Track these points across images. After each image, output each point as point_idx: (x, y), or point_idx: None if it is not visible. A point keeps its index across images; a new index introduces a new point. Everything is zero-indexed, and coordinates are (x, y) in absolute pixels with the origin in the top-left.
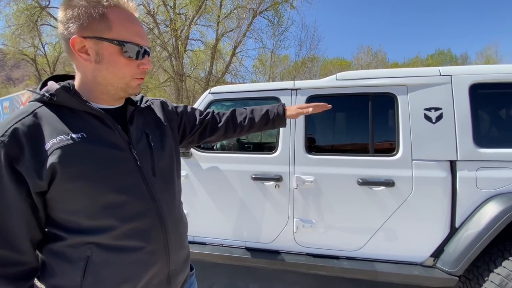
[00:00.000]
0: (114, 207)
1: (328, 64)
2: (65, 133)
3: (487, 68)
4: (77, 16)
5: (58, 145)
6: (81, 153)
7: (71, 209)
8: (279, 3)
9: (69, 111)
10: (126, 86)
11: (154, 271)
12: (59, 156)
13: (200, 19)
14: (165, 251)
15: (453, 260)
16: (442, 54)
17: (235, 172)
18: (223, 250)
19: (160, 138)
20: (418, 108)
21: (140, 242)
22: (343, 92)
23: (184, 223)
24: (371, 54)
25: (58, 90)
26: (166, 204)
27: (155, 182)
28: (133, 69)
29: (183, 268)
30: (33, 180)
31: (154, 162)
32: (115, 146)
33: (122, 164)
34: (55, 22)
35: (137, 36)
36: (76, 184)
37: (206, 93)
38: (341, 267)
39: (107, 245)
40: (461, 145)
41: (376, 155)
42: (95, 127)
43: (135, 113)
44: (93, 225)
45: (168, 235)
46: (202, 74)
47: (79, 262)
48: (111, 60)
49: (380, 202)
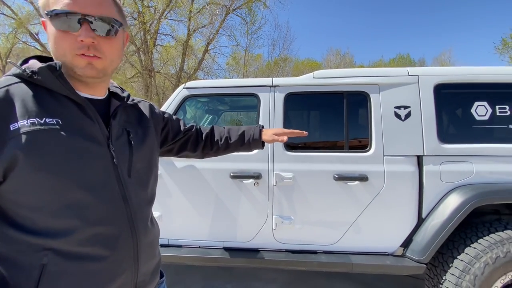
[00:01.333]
0: (80, 207)
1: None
2: (38, 117)
3: (450, 69)
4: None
5: (28, 129)
6: (53, 141)
7: (30, 204)
8: (252, 1)
9: (48, 93)
10: (71, 65)
11: (119, 283)
12: (25, 141)
13: (171, 13)
14: (134, 260)
15: (420, 249)
16: (402, 58)
17: (212, 170)
18: (200, 252)
19: (141, 138)
20: (389, 106)
21: (105, 250)
22: (320, 90)
23: (157, 230)
24: (339, 56)
25: (42, 69)
26: (139, 208)
27: (130, 184)
28: (71, 42)
29: (152, 279)
30: None
31: (132, 162)
32: (92, 139)
33: (97, 159)
34: (8, 11)
35: (68, 1)
36: (41, 175)
37: (181, 88)
38: (319, 262)
39: (66, 252)
40: (427, 141)
41: (351, 151)
42: (74, 115)
43: (120, 109)
44: (53, 225)
45: (139, 243)
46: (173, 71)
47: (33, 271)
48: (50, 35)
49: (355, 197)
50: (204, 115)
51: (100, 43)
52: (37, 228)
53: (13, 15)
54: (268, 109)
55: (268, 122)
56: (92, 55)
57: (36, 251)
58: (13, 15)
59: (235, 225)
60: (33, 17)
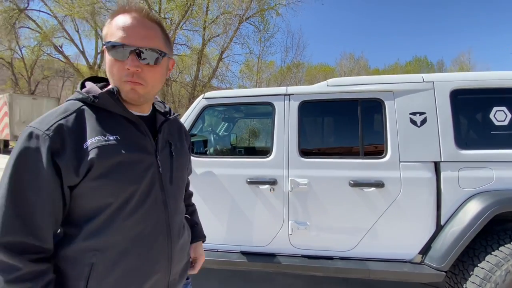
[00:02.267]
0: (130, 209)
1: (312, 70)
2: (102, 134)
3: (466, 75)
4: (104, 31)
5: (96, 145)
6: (114, 153)
7: (91, 205)
8: (265, 10)
9: (108, 113)
10: (119, 89)
11: (155, 280)
12: (95, 155)
13: (186, 24)
14: (168, 261)
15: (439, 256)
16: (419, 61)
17: (230, 176)
18: (219, 255)
19: (179, 150)
20: (404, 113)
21: (144, 250)
22: (334, 98)
23: (187, 234)
24: (353, 60)
25: (103, 94)
26: (175, 213)
27: (171, 191)
28: (121, 70)
29: (181, 279)
30: (68, 174)
31: (173, 170)
32: (144, 151)
33: (148, 168)
34: (33, 24)
35: (122, 35)
36: (104, 181)
37: (200, 98)
38: (335, 267)
39: (112, 251)
40: (444, 147)
41: (366, 158)
42: (129, 131)
43: (164, 124)
44: (106, 224)
45: (172, 244)
46: (188, 79)
47: (84, 268)
48: (106, 61)
49: (371, 203)
50: (220, 122)
51: (144, 71)
52: (92, 228)
53: (38, 28)
54: (283, 117)
55: (283, 129)
56: (135, 82)
57: (88, 251)
58: (38, 29)
59: (252, 230)
60: (56, 30)
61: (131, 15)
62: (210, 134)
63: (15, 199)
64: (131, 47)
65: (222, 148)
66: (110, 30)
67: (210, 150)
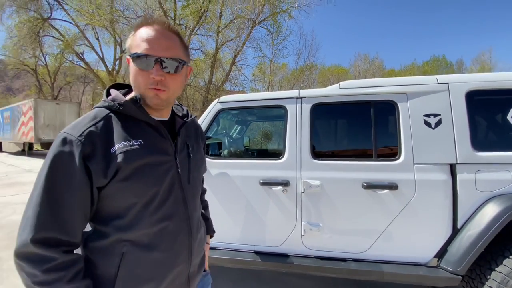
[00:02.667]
0: (154, 206)
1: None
2: (127, 140)
3: (481, 76)
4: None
5: (122, 150)
6: (138, 157)
7: (119, 203)
8: (277, 13)
9: (131, 119)
10: (144, 95)
11: (177, 272)
12: (122, 159)
13: (200, 29)
14: (188, 253)
15: (456, 260)
16: (437, 60)
17: (243, 177)
18: (233, 254)
19: (196, 151)
20: (418, 115)
21: (168, 243)
22: (346, 100)
23: (203, 230)
24: (368, 61)
25: (127, 102)
26: (194, 210)
27: (189, 189)
28: (146, 79)
29: (199, 270)
30: (98, 177)
31: (190, 171)
32: (165, 153)
33: (168, 170)
34: (56, 33)
35: (146, 47)
36: (129, 183)
37: (215, 103)
38: (348, 269)
39: (139, 244)
40: (460, 149)
41: (380, 160)
42: (151, 136)
43: (183, 127)
44: (132, 222)
45: (192, 239)
46: (202, 83)
47: (116, 258)
48: (131, 71)
49: (385, 205)
50: (234, 125)
51: (167, 79)
52: (120, 224)
53: (60, 37)
54: (295, 120)
55: (295, 132)
56: (159, 89)
57: (118, 242)
58: (61, 37)
59: (265, 230)
60: (78, 38)
61: (154, 28)
62: (225, 136)
63: (50, 198)
64: (156, 57)
65: (236, 150)
66: (135, 42)
67: (224, 152)
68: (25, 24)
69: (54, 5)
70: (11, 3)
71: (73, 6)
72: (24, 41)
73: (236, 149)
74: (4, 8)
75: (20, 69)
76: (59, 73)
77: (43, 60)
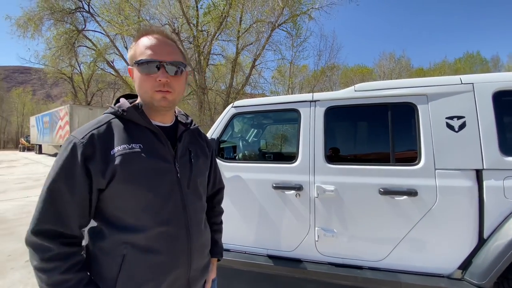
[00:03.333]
0: (152, 211)
1: (348, 72)
2: (127, 143)
3: (509, 75)
4: (129, 52)
5: (121, 152)
6: (137, 160)
7: (120, 206)
8: (297, 15)
9: (134, 125)
10: (151, 99)
11: (175, 275)
12: (120, 161)
13: (221, 34)
14: (187, 257)
15: (481, 272)
16: (471, 57)
17: (256, 181)
18: (246, 257)
19: (199, 157)
20: (440, 117)
21: (166, 246)
22: (362, 103)
23: (208, 233)
24: (394, 60)
25: (130, 108)
26: (194, 215)
27: (189, 194)
28: (152, 82)
29: (202, 275)
30: (97, 177)
31: (191, 176)
32: (163, 159)
33: (166, 174)
34: (90, 43)
35: (150, 53)
36: (128, 185)
37: (229, 107)
38: (363, 277)
39: (139, 246)
40: (487, 154)
41: (397, 164)
42: (150, 141)
43: (184, 133)
44: (132, 224)
45: (191, 243)
46: (223, 87)
47: (117, 258)
48: (136, 78)
49: (403, 212)
50: (250, 129)
51: (172, 81)
52: (124, 225)
53: (93, 47)
54: (309, 123)
55: (308, 135)
56: (166, 91)
57: (120, 244)
58: (93, 47)
59: (278, 234)
60: (109, 48)
61: (154, 36)
62: (239, 140)
63: (50, 194)
64: (160, 62)
65: (249, 153)
66: (138, 50)
67: (239, 155)
68: (62, 36)
69: (88, 17)
70: (49, 16)
71: (104, 17)
72: (61, 51)
73: (250, 153)
74: (43, 22)
75: (58, 77)
76: (92, 80)
77: (78, 68)
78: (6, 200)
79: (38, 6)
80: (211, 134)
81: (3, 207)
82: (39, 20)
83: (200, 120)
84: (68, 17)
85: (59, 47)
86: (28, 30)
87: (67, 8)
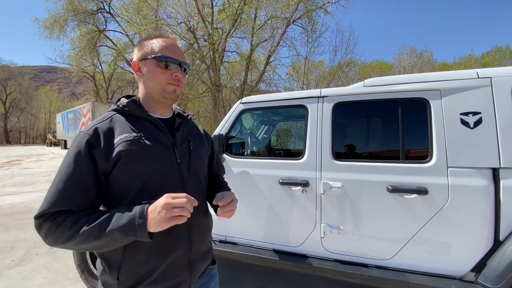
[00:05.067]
0: (153, 191)
1: (366, 68)
2: (128, 132)
3: None
4: (139, 48)
5: (123, 140)
6: (138, 145)
7: (123, 188)
8: (313, 10)
9: (134, 118)
10: (162, 90)
11: (176, 255)
12: (123, 146)
13: (236, 31)
14: (188, 239)
15: (496, 276)
16: (500, 51)
17: (263, 176)
18: (253, 251)
19: (198, 146)
20: (454, 113)
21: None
22: (371, 99)
23: (210, 220)
24: (415, 55)
25: (129, 103)
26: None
27: (189, 178)
28: (167, 76)
29: (203, 259)
30: (101, 162)
31: (191, 162)
32: (162, 144)
33: (167, 159)
34: (111, 43)
35: (169, 52)
36: (131, 168)
37: (238, 103)
38: (370, 275)
39: None
40: (505, 152)
41: (407, 162)
42: (150, 130)
43: (182, 124)
44: (136, 204)
45: (192, 226)
46: (238, 84)
47: None
48: (151, 70)
49: (413, 211)
50: (260, 125)
51: (182, 77)
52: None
53: (113, 46)
54: (316, 120)
55: (315, 132)
56: (178, 84)
57: None
58: (114, 47)
59: (285, 230)
60: (128, 47)
61: (171, 40)
62: (247, 136)
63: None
64: (179, 61)
65: (257, 149)
66: (157, 48)
67: (246, 151)
68: (85, 36)
69: (108, 17)
70: (73, 18)
71: (123, 17)
72: (84, 51)
73: (258, 149)
74: (68, 23)
75: (82, 76)
76: (112, 78)
77: (99, 67)
78: (34, 192)
79: (63, 8)
80: (219, 130)
81: (31, 198)
82: (64, 22)
83: (214, 117)
84: (90, 18)
85: (82, 47)
86: (54, 31)
87: (90, 9)
